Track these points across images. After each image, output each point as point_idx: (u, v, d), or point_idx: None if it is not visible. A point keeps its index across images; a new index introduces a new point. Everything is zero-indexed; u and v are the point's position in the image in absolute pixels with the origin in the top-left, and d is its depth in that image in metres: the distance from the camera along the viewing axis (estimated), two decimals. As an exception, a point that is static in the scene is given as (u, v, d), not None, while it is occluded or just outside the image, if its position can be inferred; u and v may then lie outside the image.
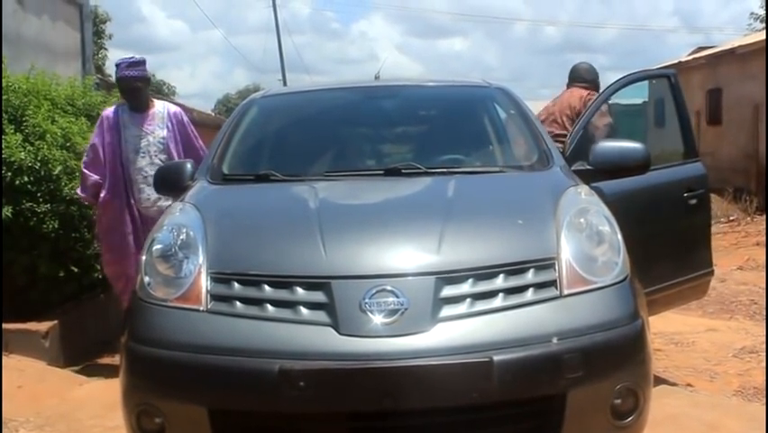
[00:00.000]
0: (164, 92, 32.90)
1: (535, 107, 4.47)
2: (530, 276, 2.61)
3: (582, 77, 5.59)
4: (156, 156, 5.06)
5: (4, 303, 5.09)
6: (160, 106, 5.23)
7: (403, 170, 3.43)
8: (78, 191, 5.18)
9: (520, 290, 2.58)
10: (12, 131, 5.22)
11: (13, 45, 8.02)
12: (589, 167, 3.56)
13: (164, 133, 5.11)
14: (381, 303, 2.49)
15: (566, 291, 2.60)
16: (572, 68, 5.70)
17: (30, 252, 5.21)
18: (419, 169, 3.41)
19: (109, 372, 4.73)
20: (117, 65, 5.13)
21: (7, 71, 5.87)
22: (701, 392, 4.48)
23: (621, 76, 4.78)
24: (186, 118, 5.29)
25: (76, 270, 5.39)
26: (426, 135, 4.19)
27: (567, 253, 2.69)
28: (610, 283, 2.69)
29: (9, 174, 5.05)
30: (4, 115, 5.31)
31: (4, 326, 5.07)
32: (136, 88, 5.07)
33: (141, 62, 5.11)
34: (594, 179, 3.49)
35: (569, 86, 5.62)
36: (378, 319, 2.47)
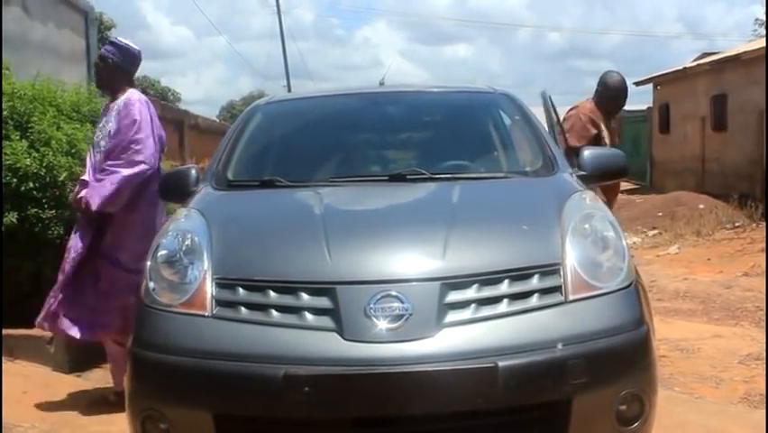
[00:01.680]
0: (169, 99, 32.99)
1: (540, 113, 4.46)
2: (535, 282, 2.61)
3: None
4: (99, 152, 4.42)
5: (10, 309, 5.11)
6: (124, 96, 4.47)
7: (408, 176, 3.43)
8: None
9: (525, 295, 2.58)
10: (17, 137, 5.23)
11: (19, 51, 8.05)
12: (582, 172, 3.56)
13: (111, 126, 4.41)
14: (386, 309, 2.49)
15: (571, 297, 2.60)
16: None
17: (35, 258, 5.22)
18: (424, 174, 3.42)
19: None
20: None
21: (13, 78, 5.89)
22: (706, 399, 4.47)
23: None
24: (134, 108, 4.35)
25: (81, 276, 5.39)
26: (431, 141, 4.19)
27: (572, 258, 2.69)
28: (615, 289, 2.69)
29: (15, 180, 5.07)
30: (10, 121, 5.33)
31: (10, 332, 5.09)
32: (95, 65, 4.66)
33: (116, 44, 4.56)
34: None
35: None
36: (382, 325, 2.47)
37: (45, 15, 9.47)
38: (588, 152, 3.62)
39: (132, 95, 4.47)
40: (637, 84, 23.17)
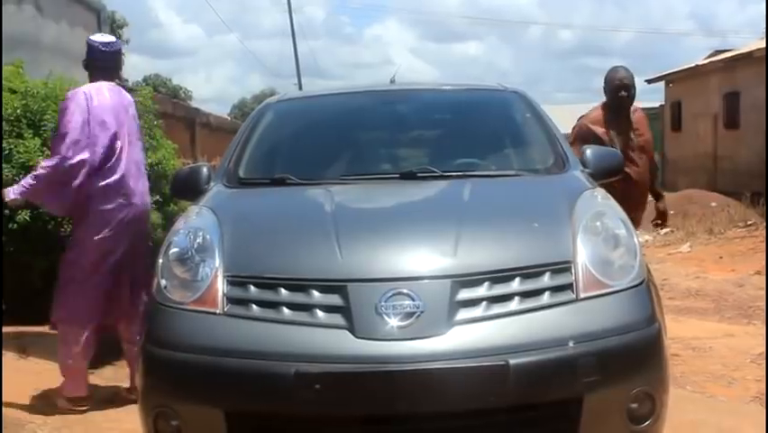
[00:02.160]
0: (180, 97, 33.11)
1: (551, 111, 4.44)
2: (546, 279, 2.61)
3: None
4: None
5: (22, 306, 5.14)
6: None
7: (419, 174, 3.44)
8: None
9: (536, 293, 2.58)
10: (31, 135, 5.28)
11: (32, 50, 8.09)
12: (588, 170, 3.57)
13: None
14: (397, 306, 2.49)
15: (582, 295, 2.60)
16: None
17: (48, 255, 5.25)
18: (435, 172, 3.42)
19: (126, 375, 4.75)
20: None
21: (26, 76, 5.94)
22: (719, 398, 4.45)
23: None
24: (65, 101, 4.32)
25: (93, 273, 5.41)
26: (442, 139, 4.19)
27: (583, 256, 2.68)
28: (627, 287, 2.68)
29: (28, 178, 5.11)
30: (23, 120, 5.38)
31: (22, 329, 5.13)
32: None
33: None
34: None
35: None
36: (393, 322, 2.47)
37: (58, 14, 9.52)
38: (589, 151, 3.69)
39: (78, 88, 4.41)
40: (649, 81, 23.09)
